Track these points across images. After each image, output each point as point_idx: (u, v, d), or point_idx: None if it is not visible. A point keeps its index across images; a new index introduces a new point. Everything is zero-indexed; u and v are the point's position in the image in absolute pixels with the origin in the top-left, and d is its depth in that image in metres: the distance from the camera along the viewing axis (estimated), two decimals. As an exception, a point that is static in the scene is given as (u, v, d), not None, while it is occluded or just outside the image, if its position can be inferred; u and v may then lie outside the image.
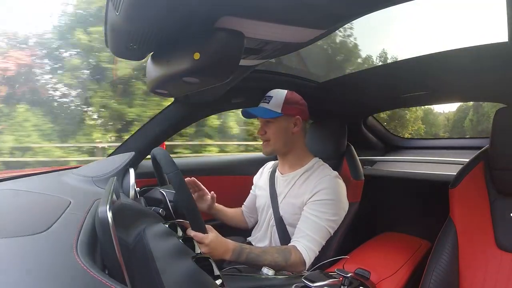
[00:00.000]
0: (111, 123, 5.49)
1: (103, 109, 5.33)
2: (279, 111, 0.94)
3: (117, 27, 0.49)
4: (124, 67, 5.12)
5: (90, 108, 5.51)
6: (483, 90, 1.14)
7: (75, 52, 5.35)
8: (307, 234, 0.84)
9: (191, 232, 0.63)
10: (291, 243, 0.85)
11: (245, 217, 1.17)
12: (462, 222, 0.78)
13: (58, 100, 5.60)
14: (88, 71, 5.40)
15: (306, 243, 0.83)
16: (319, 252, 0.87)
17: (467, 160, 0.82)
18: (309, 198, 0.89)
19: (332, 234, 0.89)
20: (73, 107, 5.65)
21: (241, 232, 1.16)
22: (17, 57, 5.08)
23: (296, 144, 0.99)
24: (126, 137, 1.70)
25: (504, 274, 0.70)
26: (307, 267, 0.82)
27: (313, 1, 0.48)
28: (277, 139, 0.96)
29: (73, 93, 5.58)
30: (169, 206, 0.76)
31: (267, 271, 0.60)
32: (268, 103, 0.96)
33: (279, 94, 0.98)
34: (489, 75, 0.96)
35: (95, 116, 5.56)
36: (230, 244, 0.73)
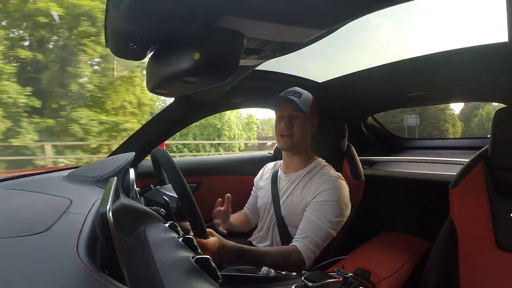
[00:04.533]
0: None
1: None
2: (308, 110, 0.95)
3: (117, 27, 0.49)
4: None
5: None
6: (483, 90, 1.14)
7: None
8: (309, 235, 0.84)
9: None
10: (292, 243, 0.85)
11: (249, 219, 1.16)
12: (462, 222, 0.78)
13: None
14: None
15: (307, 244, 0.83)
16: (319, 252, 0.86)
17: (467, 160, 0.82)
18: (312, 200, 0.89)
19: (335, 235, 0.88)
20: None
21: (242, 233, 1.16)
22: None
23: (307, 145, 1.01)
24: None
25: (504, 274, 0.70)
26: (307, 267, 0.82)
27: (313, 1, 0.48)
28: (301, 136, 0.97)
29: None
30: (171, 211, 0.76)
31: (267, 271, 0.60)
32: (299, 98, 0.95)
33: (306, 93, 0.99)
34: (489, 75, 0.96)
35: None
36: (231, 246, 0.73)
